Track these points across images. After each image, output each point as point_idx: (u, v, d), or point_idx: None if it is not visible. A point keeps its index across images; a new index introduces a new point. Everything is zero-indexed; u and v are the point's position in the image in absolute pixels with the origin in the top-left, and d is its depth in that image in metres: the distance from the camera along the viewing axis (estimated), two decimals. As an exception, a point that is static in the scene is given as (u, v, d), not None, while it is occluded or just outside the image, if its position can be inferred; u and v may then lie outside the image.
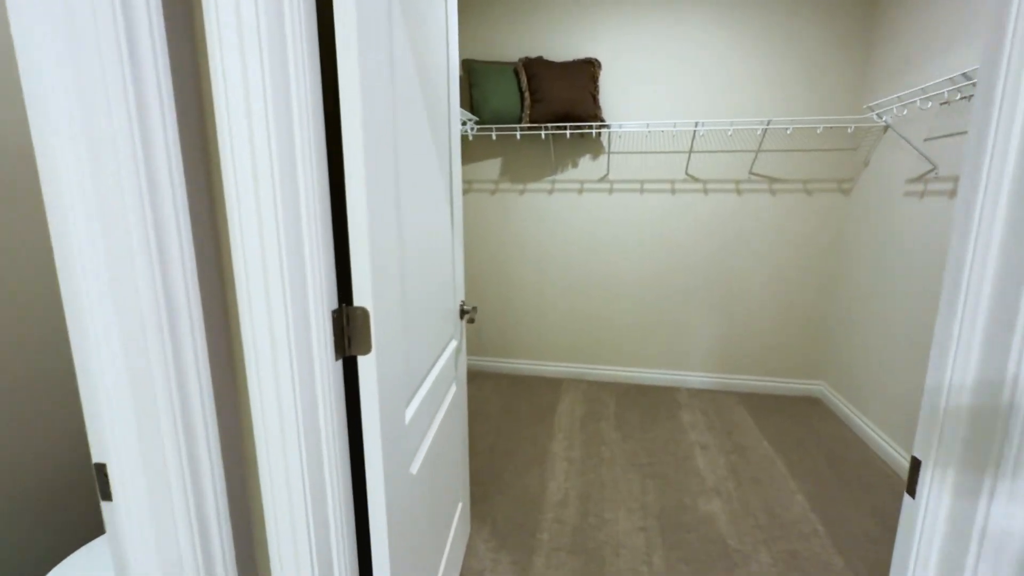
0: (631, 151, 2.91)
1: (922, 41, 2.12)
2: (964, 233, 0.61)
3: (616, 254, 3.04)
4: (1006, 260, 0.57)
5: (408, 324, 0.96)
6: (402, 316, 0.91)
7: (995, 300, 0.58)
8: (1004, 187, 0.56)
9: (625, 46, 2.80)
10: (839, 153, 2.71)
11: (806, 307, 2.90)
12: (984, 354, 0.59)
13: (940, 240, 1.99)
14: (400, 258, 0.90)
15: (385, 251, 0.81)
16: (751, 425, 2.59)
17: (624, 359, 3.18)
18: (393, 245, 0.85)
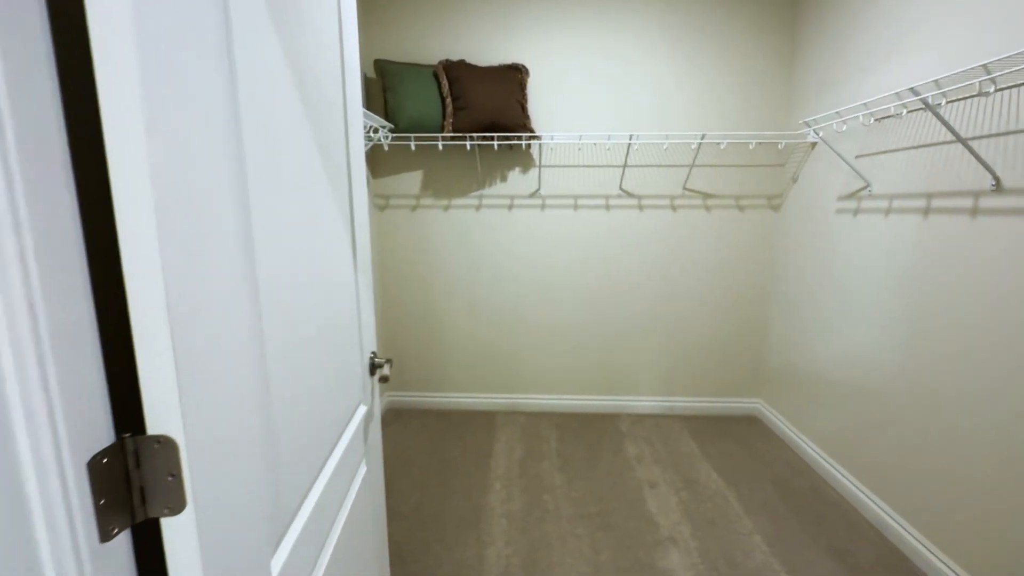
0: (563, 164, 2.71)
1: (848, 59, 2.11)
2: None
3: (551, 274, 2.82)
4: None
5: (274, 431, 0.63)
6: (260, 423, 0.58)
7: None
8: None
9: (554, 53, 2.61)
10: (768, 169, 2.69)
11: (741, 325, 2.84)
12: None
13: (876, 257, 1.95)
14: (252, 334, 0.57)
15: (213, 333, 0.48)
16: (697, 454, 2.45)
17: (563, 387, 2.96)
18: (236, 318, 0.53)
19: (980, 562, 1.50)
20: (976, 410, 1.52)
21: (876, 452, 1.95)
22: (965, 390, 1.55)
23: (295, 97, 0.71)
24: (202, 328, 0.47)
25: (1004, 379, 1.43)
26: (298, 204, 0.72)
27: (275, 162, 0.64)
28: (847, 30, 2.12)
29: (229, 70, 0.53)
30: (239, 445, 0.54)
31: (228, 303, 0.52)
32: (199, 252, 0.46)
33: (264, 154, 0.61)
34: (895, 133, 1.84)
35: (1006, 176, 1.42)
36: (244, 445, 0.55)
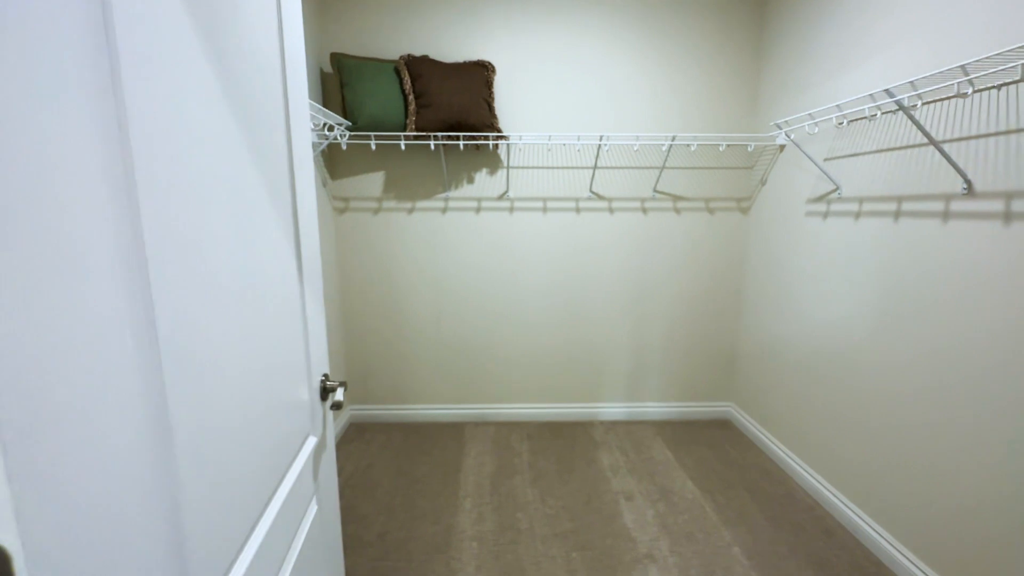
0: (532, 166, 2.62)
1: (817, 61, 2.10)
2: None
3: (520, 278, 2.73)
4: None
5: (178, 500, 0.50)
6: (152, 495, 0.46)
7: None
8: None
9: (522, 50, 2.52)
10: (738, 172, 2.67)
11: (713, 328, 2.82)
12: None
13: (846, 261, 1.93)
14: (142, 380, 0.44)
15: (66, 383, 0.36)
16: (671, 461, 2.40)
17: (533, 395, 2.86)
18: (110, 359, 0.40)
19: (954, 566, 1.49)
20: (948, 411, 1.50)
21: (848, 456, 1.93)
22: (937, 393, 1.54)
23: (215, 91, 0.59)
24: (39, 382, 0.34)
25: (976, 381, 1.42)
26: (221, 213, 0.60)
27: (186, 167, 0.52)
28: (815, 31, 2.11)
29: (108, 56, 0.41)
30: (116, 534, 0.41)
31: (95, 346, 0.39)
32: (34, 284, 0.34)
33: (168, 158, 0.49)
34: (865, 135, 1.83)
35: (977, 180, 1.41)
36: (124, 530, 0.42)
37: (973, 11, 1.41)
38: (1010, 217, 1.32)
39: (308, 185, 0.99)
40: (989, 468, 1.39)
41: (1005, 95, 1.32)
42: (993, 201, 1.37)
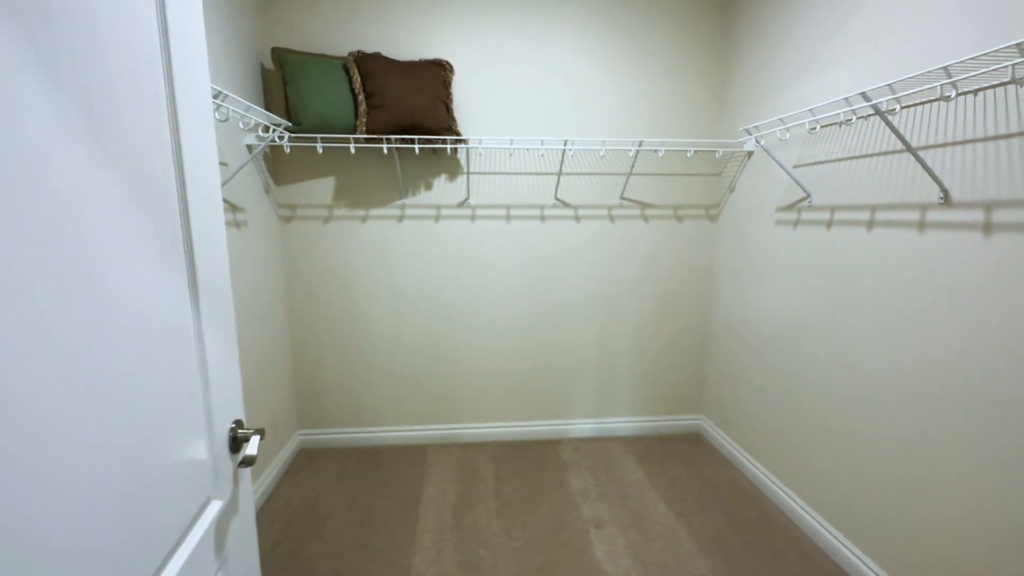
0: (494, 172, 2.48)
1: (785, 65, 2.04)
2: None
3: (484, 290, 2.57)
4: None
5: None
6: None
7: None
8: None
9: (483, 50, 2.38)
10: (706, 178, 2.60)
11: (682, 339, 2.74)
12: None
13: (818, 271, 1.87)
14: None
15: None
16: (644, 482, 2.28)
17: (499, 413, 2.71)
18: None
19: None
20: (926, 423, 1.44)
21: (823, 472, 1.86)
22: (915, 405, 1.47)
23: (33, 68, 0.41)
24: None
25: (955, 393, 1.35)
26: (54, 234, 0.42)
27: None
28: (783, 33, 2.05)
29: None
30: None
31: None
32: None
33: None
34: (835, 142, 1.77)
35: (955, 189, 1.35)
36: None
37: (952, 10, 1.35)
38: (990, 228, 1.26)
39: (210, 192, 0.81)
40: (970, 484, 1.32)
41: (983, 100, 1.26)
42: (971, 211, 1.31)
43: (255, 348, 2.13)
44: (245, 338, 2.03)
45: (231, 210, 1.96)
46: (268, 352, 2.26)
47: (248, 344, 2.06)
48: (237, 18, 2.05)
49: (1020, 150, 1.19)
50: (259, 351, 2.17)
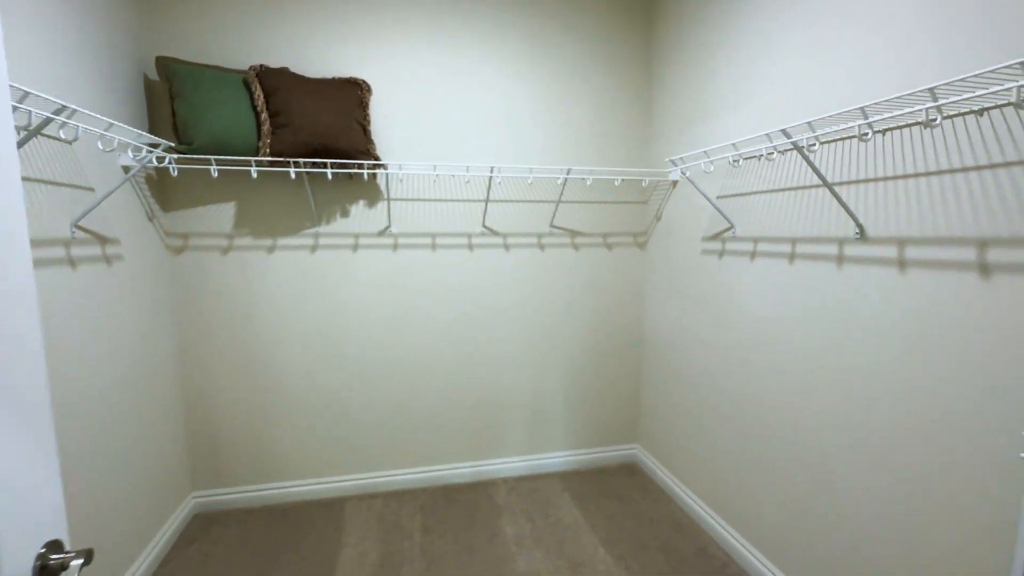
0: (417, 198, 2.33)
1: (706, 98, 2.07)
2: None
3: (408, 323, 2.39)
4: None
5: None
6: None
7: None
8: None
9: (404, 71, 2.24)
10: (633, 206, 2.60)
11: (616, 368, 2.69)
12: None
13: (745, 301, 1.87)
14: None
15: None
16: (581, 523, 2.17)
17: (427, 457, 2.51)
18: None
19: (876, 634, 1.40)
20: (848, 455, 1.44)
21: (755, 505, 1.84)
22: (837, 439, 1.48)
23: None
24: None
25: (872, 423, 1.36)
26: None
27: None
28: (701, 69, 2.09)
29: None
30: None
31: None
32: None
33: None
34: (757, 175, 1.79)
35: (870, 224, 1.38)
36: None
37: (865, 53, 1.39)
38: (904, 264, 1.28)
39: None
40: (899, 518, 1.32)
41: (897, 139, 1.30)
42: (886, 247, 1.33)
43: (132, 402, 1.80)
44: (116, 392, 1.71)
45: (98, 242, 1.65)
46: (151, 405, 1.93)
47: (122, 398, 1.74)
48: (109, 22, 1.77)
49: (929, 189, 1.22)
50: (137, 405, 1.84)
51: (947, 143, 1.17)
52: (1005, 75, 0.99)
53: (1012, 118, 1.03)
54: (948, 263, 1.18)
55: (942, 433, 1.21)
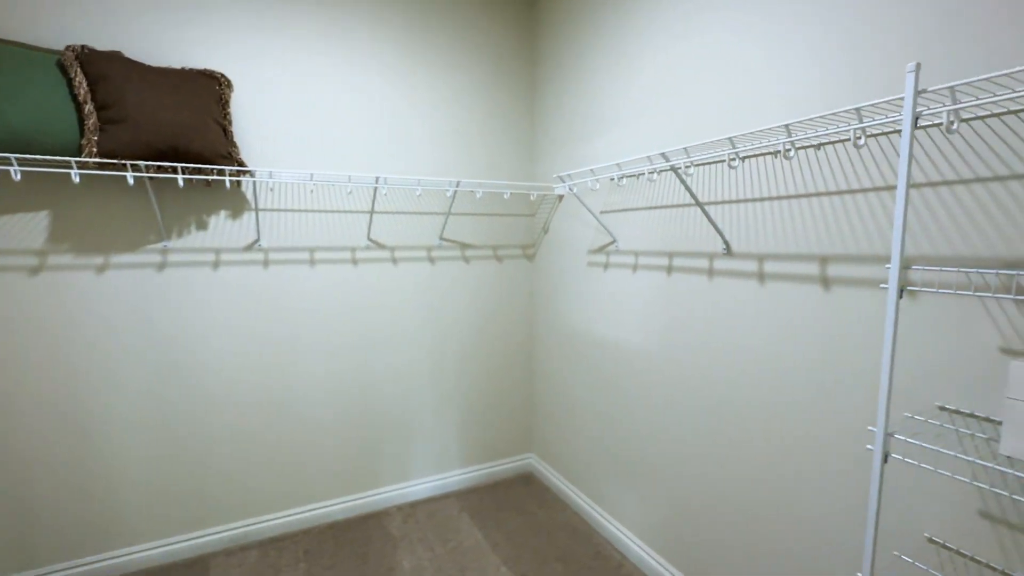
0: (292, 209, 2.11)
1: (581, 117, 2.17)
2: None
3: (285, 347, 2.14)
4: None
5: None
6: None
7: None
8: None
9: (276, 67, 2.01)
10: (523, 219, 2.64)
11: (509, 378, 2.70)
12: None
13: (628, 311, 1.99)
14: None
15: None
16: (481, 544, 2.12)
17: (312, 493, 2.27)
18: None
19: (752, 610, 1.55)
20: (720, 450, 1.59)
21: (647, 504, 1.95)
22: (712, 436, 1.62)
23: None
24: None
25: (762, 424, 1.51)
26: None
27: None
28: (580, 91, 2.18)
29: None
30: None
31: None
32: None
33: None
34: (638, 192, 1.91)
35: (735, 241, 1.53)
36: None
37: (733, 88, 1.54)
38: (763, 276, 1.45)
39: None
40: (773, 502, 1.48)
41: (757, 166, 1.45)
42: (749, 261, 1.49)
43: None
44: None
45: None
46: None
47: None
48: None
49: (783, 211, 1.39)
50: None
51: (797, 171, 1.34)
52: (842, 118, 1.16)
53: (852, 152, 1.21)
54: (798, 276, 1.35)
55: (799, 426, 1.38)
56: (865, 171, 1.19)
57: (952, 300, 1.04)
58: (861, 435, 1.23)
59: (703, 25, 1.57)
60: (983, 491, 1.02)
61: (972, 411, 1.03)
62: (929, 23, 1.05)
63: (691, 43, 1.62)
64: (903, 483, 1.15)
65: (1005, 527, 1.00)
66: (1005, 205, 0.96)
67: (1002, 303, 0.98)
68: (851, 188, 1.21)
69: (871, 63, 1.15)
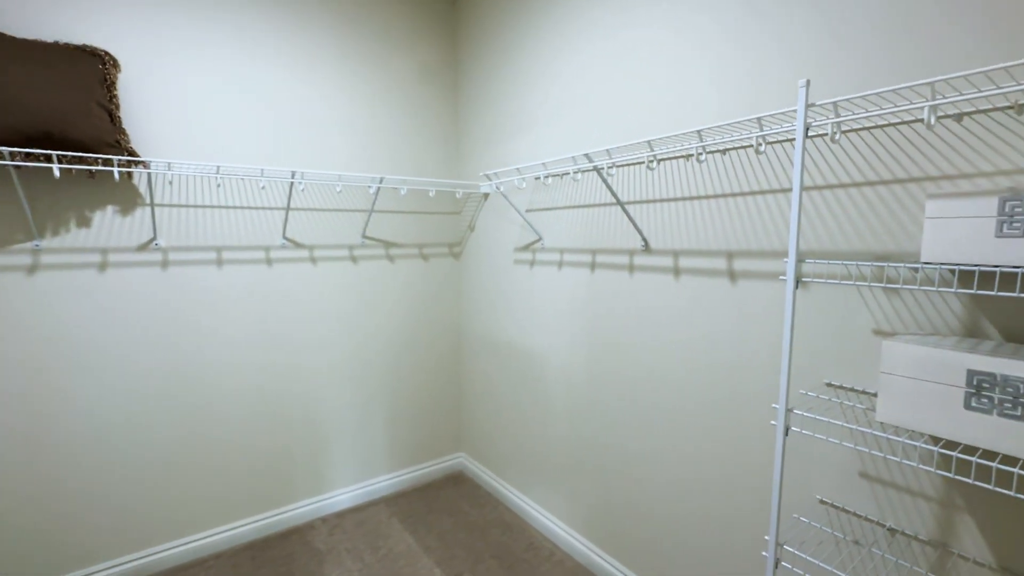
0: (195, 204, 1.93)
1: (504, 117, 2.20)
2: None
3: (191, 358, 1.95)
4: None
5: None
6: None
7: None
8: None
9: (173, 48, 1.82)
10: (449, 217, 2.62)
11: (437, 378, 2.67)
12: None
13: (554, 308, 2.04)
14: None
15: None
16: (414, 550, 2.08)
17: (222, 514, 2.09)
18: None
19: (673, 582, 1.67)
20: (636, 435, 1.69)
21: (568, 490, 2.02)
22: (627, 422, 1.72)
23: None
24: None
25: (677, 406, 1.62)
26: None
27: None
28: (500, 91, 2.21)
29: None
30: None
31: None
32: None
33: None
34: (562, 191, 1.97)
35: (652, 238, 1.63)
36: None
37: (647, 96, 1.63)
38: (679, 271, 1.56)
39: None
40: (690, 480, 1.59)
41: (673, 168, 1.56)
42: (665, 257, 1.60)
43: None
44: None
45: None
46: None
47: None
48: None
49: (695, 210, 1.50)
50: None
51: (708, 174, 1.46)
52: (746, 126, 1.28)
53: (754, 157, 1.33)
54: (709, 270, 1.47)
55: (712, 409, 1.50)
56: (764, 175, 1.32)
57: (836, 289, 1.19)
58: (766, 412, 1.36)
59: (618, 33, 1.66)
60: (862, 454, 1.18)
61: (853, 386, 1.18)
62: (820, 44, 1.19)
63: (608, 47, 1.70)
64: (798, 452, 1.30)
65: (879, 484, 1.16)
66: (875, 206, 1.12)
67: (874, 291, 1.13)
68: (753, 190, 1.34)
69: (771, 77, 1.28)
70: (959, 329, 1.02)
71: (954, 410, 0.86)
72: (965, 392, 0.85)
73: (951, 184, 1.01)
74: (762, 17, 1.29)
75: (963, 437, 0.86)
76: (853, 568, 1.21)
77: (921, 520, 1.10)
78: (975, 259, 0.86)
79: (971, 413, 0.84)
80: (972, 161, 0.99)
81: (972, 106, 0.98)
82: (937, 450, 0.88)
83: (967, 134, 0.99)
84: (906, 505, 1.12)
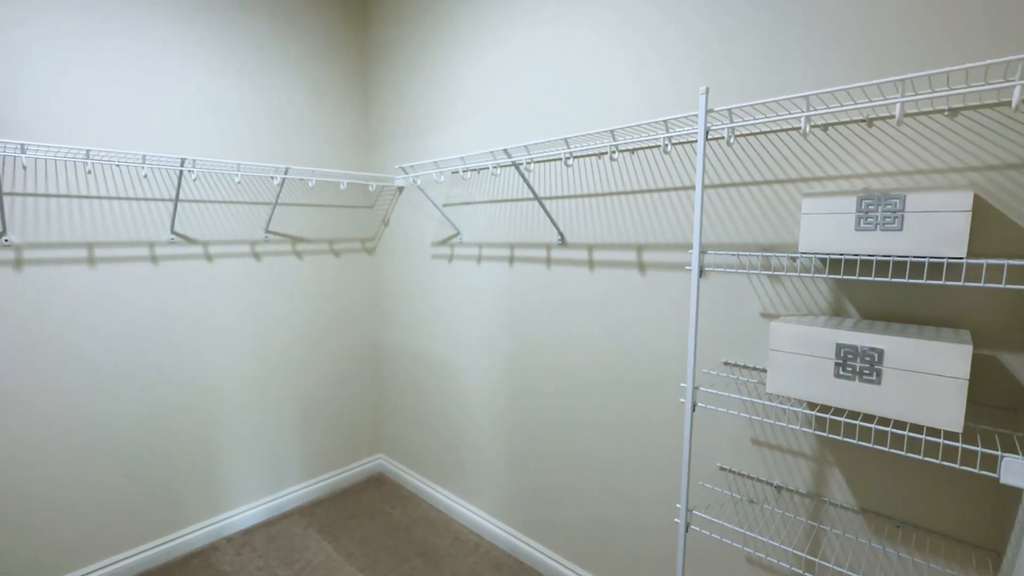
0: (60, 194, 1.67)
1: (417, 111, 2.16)
2: None
3: (59, 375, 1.69)
4: None
5: None
6: None
7: None
8: None
9: (28, 12, 1.55)
10: (360, 211, 2.51)
11: (353, 380, 2.56)
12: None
13: (473, 302, 2.06)
14: None
15: None
16: (333, 558, 1.99)
17: (107, 545, 1.85)
18: None
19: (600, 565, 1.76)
20: (553, 417, 1.77)
21: (498, 485, 2.06)
22: (544, 409, 1.80)
23: None
24: None
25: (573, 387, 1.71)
26: None
27: None
28: (412, 85, 2.17)
29: None
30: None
31: None
32: None
33: None
34: (480, 186, 1.98)
35: (568, 232, 1.70)
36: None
37: (563, 92, 1.68)
38: (593, 264, 1.64)
39: None
40: (610, 458, 1.69)
41: (591, 164, 1.63)
42: (580, 250, 1.67)
43: None
44: None
45: None
46: None
47: None
48: None
49: (608, 206, 1.58)
50: None
51: (620, 171, 1.55)
52: (654, 128, 1.37)
53: (661, 157, 1.44)
54: (620, 262, 1.57)
55: (625, 391, 1.60)
56: (668, 174, 1.43)
57: (731, 277, 1.33)
58: (674, 392, 1.49)
59: (532, 30, 1.70)
60: (754, 423, 1.33)
61: (746, 363, 1.32)
62: (723, 55, 1.31)
63: (522, 43, 1.73)
64: (701, 425, 1.43)
65: (767, 448, 1.31)
66: (761, 203, 1.26)
67: (761, 279, 1.28)
68: (660, 187, 1.45)
69: (680, 76, 1.39)
70: (827, 309, 1.19)
71: (826, 378, 1.01)
72: (834, 363, 0.99)
73: (820, 185, 1.17)
74: (672, 16, 1.39)
75: (833, 401, 1.00)
76: (749, 524, 1.36)
77: (801, 476, 1.27)
78: (839, 249, 1.00)
79: (839, 380, 0.99)
80: (835, 166, 1.15)
81: (835, 118, 1.14)
82: (814, 414, 1.02)
83: (832, 142, 1.15)
84: (789, 465, 1.28)
